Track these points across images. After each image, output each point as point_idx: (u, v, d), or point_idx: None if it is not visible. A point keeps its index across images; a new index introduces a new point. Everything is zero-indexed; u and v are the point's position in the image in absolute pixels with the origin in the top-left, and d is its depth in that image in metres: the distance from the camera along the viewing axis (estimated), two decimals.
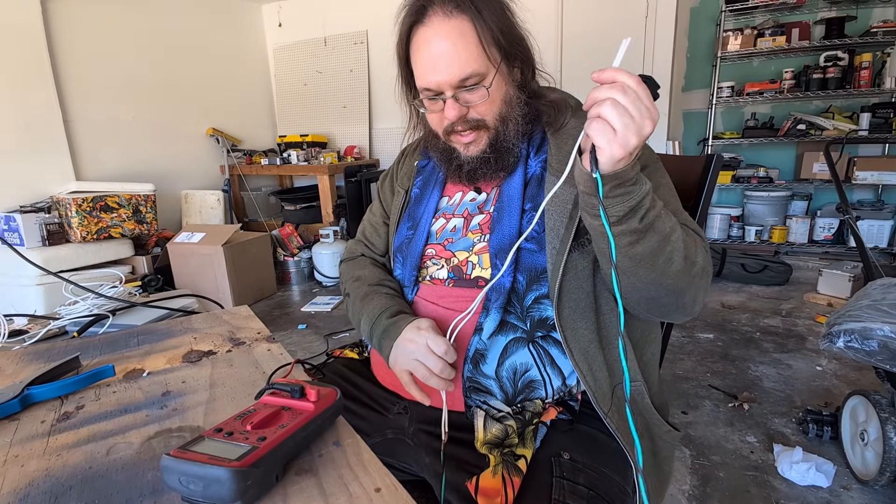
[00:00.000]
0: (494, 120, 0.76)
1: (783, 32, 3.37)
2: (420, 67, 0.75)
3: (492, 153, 0.77)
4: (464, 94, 0.73)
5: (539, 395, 0.74)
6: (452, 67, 0.71)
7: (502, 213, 0.77)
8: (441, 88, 0.73)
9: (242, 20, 4.41)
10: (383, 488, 0.43)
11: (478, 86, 0.72)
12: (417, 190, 0.90)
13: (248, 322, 0.87)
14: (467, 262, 0.79)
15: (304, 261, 3.60)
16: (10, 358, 0.76)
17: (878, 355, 1.25)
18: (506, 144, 0.77)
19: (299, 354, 2.40)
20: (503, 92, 0.75)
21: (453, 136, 0.78)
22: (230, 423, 0.47)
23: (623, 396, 0.74)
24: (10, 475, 0.48)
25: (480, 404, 0.73)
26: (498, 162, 0.78)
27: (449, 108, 0.74)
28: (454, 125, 0.76)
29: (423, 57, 0.73)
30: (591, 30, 3.50)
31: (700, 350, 2.30)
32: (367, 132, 4.36)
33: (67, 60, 3.10)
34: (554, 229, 0.72)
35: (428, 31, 0.72)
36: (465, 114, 0.75)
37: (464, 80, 0.71)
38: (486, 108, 0.75)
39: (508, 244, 0.73)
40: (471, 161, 0.78)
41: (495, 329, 0.73)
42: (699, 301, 0.70)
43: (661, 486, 0.77)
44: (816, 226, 3.53)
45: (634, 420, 0.74)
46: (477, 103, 0.74)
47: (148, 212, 2.98)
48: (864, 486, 1.39)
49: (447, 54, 0.71)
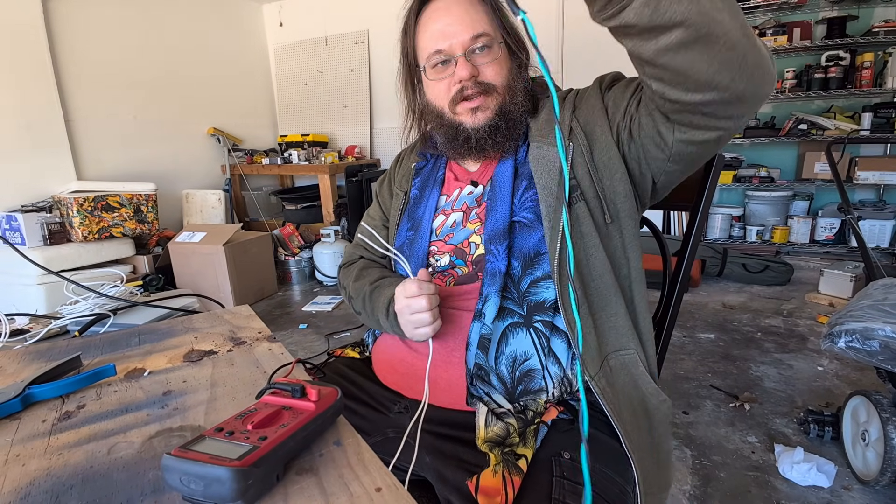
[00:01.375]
0: (503, 86, 0.79)
1: (784, 32, 3.36)
2: (430, 34, 0.78)
3: (501, 120, 0.79)
4: (474, 56, 0.77)
5: (538, 385, 0.74)
6: (466, 28, 0.76)
7: (495, 200, 0.78)
8: (453, 50, 0.77)
9: (243, 20, 4.41)
10: (384, 488, 0.43)
11: (488, 47, 0.77)
12: (416, 191, 0.91)
13: (249, 322, 0.87)
14: (469, 243, 0.80)
15: (304, 260, 3.60)
16: (11, 357, 0.76)
17: (880, 355, 1.25)
18: (513, 114, 0.79)
19: (300, 354, 2.40)
20: (509, 65, 0.80)
21: (460, 104, 0.79)
22: (231, 422, 0.47)
23: (616, 367, 0.74)
24: (11, 474, 0.48)
25: (483, 395, 0.73)
26: (508, 130, 0.80)
27: (461, 66, 0.77)
28: (463, 89, 0.78)
29: (436, 24, 0.78)
30: (592, 29, 3.48)
31: (701, 350, 2.30)
32: (368, 132, 4.36)
33: (69, 60, 3.10)
34: (547, 188, 0.74)
35: (441, 2, 0.78)
36: (476, 75, 0.78)
37: (476, 37, 0.76)
38: (495, 71, 0.78)
39: (502, 228, 0.75)
40: (478, 130, 0.79)
41: (496, 314, 0.73)
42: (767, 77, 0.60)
43: (663, 471, 0.75)
44: (818, 226, 3.52)
45: (626, 391, 0.73)
46: (487, 63, 0.77)
47: (149, 211, 2.99)
48: (865, 486, 1.39)
49: (460, 17, 0.76)
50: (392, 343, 0.85)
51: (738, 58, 0.56)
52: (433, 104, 0.83)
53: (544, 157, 0.76)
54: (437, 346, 0.78)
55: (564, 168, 0.66)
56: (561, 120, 0.76)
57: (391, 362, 0.84)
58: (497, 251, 0.75)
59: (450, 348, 0.76)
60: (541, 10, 3.51)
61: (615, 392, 0.72)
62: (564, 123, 0.76)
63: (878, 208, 3.40)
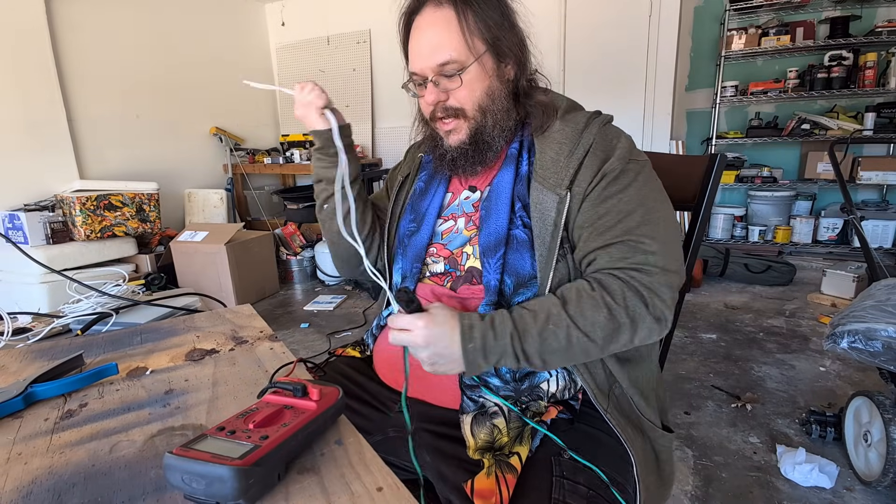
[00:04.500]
0: (473, 110, 0.78)
1: (787, 32, 3.35)
2: (410, 53, 0.79)
3: (470, 145, 0.79)
4: (443, 80, 0.76)
5: (543, 379, 0.74)
6: (432, 53, 0.75)
7: (490, 211, 0.78)
8: (424, 73, 0.76)
9: (246, 19, 4.41)
10: (385, 487, 0.43)
11: (456, 73, 0.75)
12: (422, 183, 0.91)
13: (251, 321, 0.87)
14: (462, 253, 0.80)
15: (306, 259, 3.60)
16: (13, 356, 0.77)
17: (882, 356, 1.24)
18: (485, 137, 0.78)
19: (301, 353, 2.40)
20: (485, 84, 0.77)
21: (437, 122, 0.81)
22: (233, 421, 0.47)
23: (620, 396, 0.74)
24: (13, 473, 0.48)
25: (476, 399, 0.73)
26: (476, 156, 0.79)
27: (428, 92, 0.77)
28: (436, 111, 0.79)
29: (413, 44, 0.78)
30: (594, 29, 3.49)
31: (703, 350, 2.30)
32: (370, 131, 4.36)
33: (71, 59, 3.11)
34: (540, 237, 0.73)
35: (419, 20, 0.77)
36: (444, 100, 0.78)
37: (441, 65, 0.74)
38: (464, 95, 0.77)
39: (495, 242, 0.75)
40: (451, 151, 0.81)
41: None
42: (653, 338, 0.69)
43: (664, 487, 0.77)
44: (820, 226, 3.51)
45: (625, 424, 0.74)
46: (453, 89, 0.76)
47: (151, 210, 2.99)
48: (867, 487, 1.38)
49: (430, 41, 0.75)
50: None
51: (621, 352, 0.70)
52: (423, 113, 0.85)
53: (542, 202, 0.73)
54: None
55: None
56: (565, 167, 0.74)
57: (391, 361, 0.84)
58: (489, 264, 0.74)
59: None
60: (543, 13, 3.50)
61: (620, 413, 0.73)
62: (567, 173, 0.73)
63: (880, 208, 3.39)
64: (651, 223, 0.70)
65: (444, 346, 0.65)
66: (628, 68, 3.47)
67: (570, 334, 0.65)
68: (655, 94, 3.46)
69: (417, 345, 0.65)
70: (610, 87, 3.55)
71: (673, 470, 0.80)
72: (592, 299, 0.66)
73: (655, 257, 0.67)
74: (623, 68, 3.48)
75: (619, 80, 3.51)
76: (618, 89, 3.52)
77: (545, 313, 0.66)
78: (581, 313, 0.65)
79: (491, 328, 0.65)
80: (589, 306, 0.66)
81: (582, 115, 0.80)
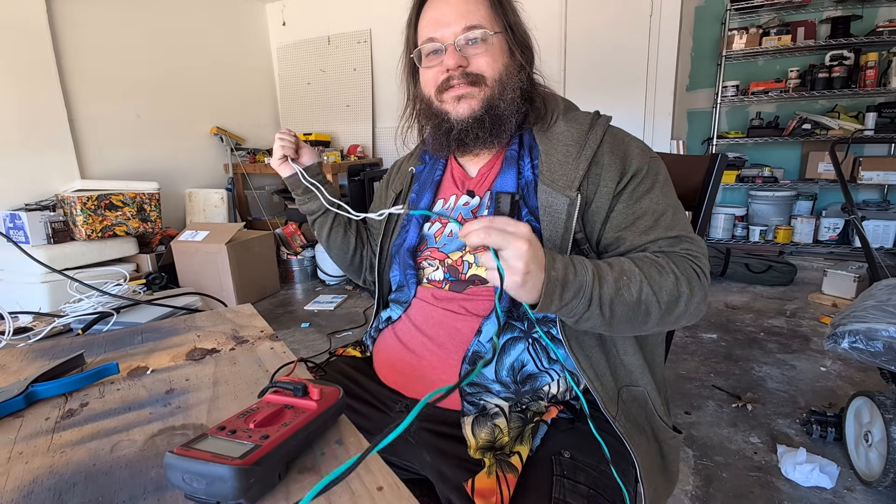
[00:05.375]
0: (493, 79, 0.77)
1: (788, 31, 3.35)
2: (427, 21, 0.78)
3: (486, 114, 0.77)
4: (466, 47, 0.76)
5: (545, 382, 0.74)
6: (460, 17, 0.75)
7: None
8: (444, 39, 0.76)
9: (246, 19, 4.42)
10: (385, 487, 0.43)
11: (482, 40, 0.75)
12: (414, 195, 0.91)
13: (252, 320, 0.87)
14: (462, 261, 0.79)
15: (307, 259, 3.60)
16: (14, 355, 0.77)
17: (883, 356, 1.24)
18: (498, 111, 0.77)
19: (302, 353, 2.41)
20: (505, 59, 0.78)
21: (446, 92, 0.78)
22: (233, 421, 0.47)
23: (629, 399, 0.75)
24: (14, 472, 0.48)
25: (476, 402, 0.73)
26: (493, 127, 0.78)
27: (449, 55, 0.76)
28: (450, 78, 0.77)
29: (431, 12, 0.78)
30: (595, 29, 3.49)
31: (704, 350, 2.29)
32: (371, 131, 4.36)
33: (72, 59, 3.11)
34: (550, 240, 0.72)
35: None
36: (464, 66, 0.77)
37: (469, 27, 0.75)
38: (486, 62, 0.76)
39: None
40: (461, 122, 0.78)
41: (495, 332, 0.73)
42: (695, 318, 0.71)
43: (668, 486, 0.77)
44: (821, 226, 3.51)
45: (638, 423, 0.74)
46: (478, 54, 0.76)
47: (152, 210, 2.99)
48: (867, 487, 1.38)
49: (456, 6, 0.75)
50: (392, 343, 0.85)
51: (665, 327, 0.70)
52: (423, 92, 0.83)
53: (551, 204, 0.72)
54: (435, 348, 0.78)
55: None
56: (573, 169, 0.73)
57: (391, 361, 0.84)
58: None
59: (448, 351, 0.77)
60: (544, 12, 3.50)
61: (628, 419, 0.73)
62: (577, 174, 0.73)
63: (881, 208, 3.38)
64: (681, 221, 0.73)
65: (540, 259, 0.58)
66: (629, 68, 3.47)
67: (642, 290, 0.64)
68: (656, 93, 3.45)
69: (519, 246, 0.55)
70: (610, 87, 3.55)
71: (678, 469, 0.80)
72: (660, 266, 0.67)
73: (696, 247, 0.71)
74: (624, 68, 3.48)
75: (619, 80, 3.51)
76: (618, 89, 3.52)
77: (619, 266, 0.65)
78: (651, 275, 0.65)
79: (572, 264, 0.62)
80: (657, 271, 0.66)
81: (584, 115, 0.80)
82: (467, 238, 0.58)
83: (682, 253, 0.70)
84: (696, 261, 0.70)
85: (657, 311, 0.66)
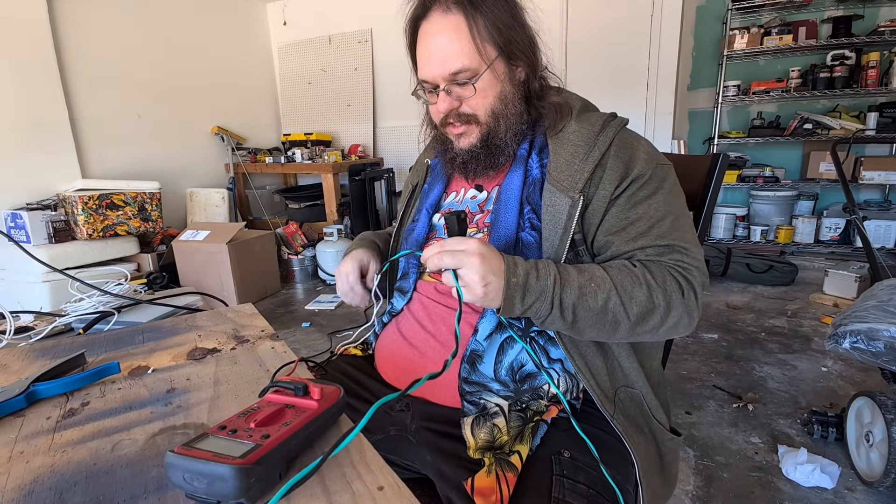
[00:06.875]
0: (486, 115, 0.77)
1: (790, 31, 3.35)
2: (419, 60, 0.78)
3: (482, 149, 0.78)
4: (455, 87, 0.75)
5: (544, 381, 0.74)
6: (444, 62, 0.73)
7: (499, 214, 0.77)
8: (435, 81, 0.76)
9: (247, 19, 4.42)
10: (386, 486, 0.43)
11: (469, 81, 0.74)
12: (427, 186, 0.93)
13: (253, 320, 0.88)
14: None
15: (308, 259, 3.61)
16: (15, 354, 0.77)
17: (884, 356, 1.24)
18: (496, 142, 0.78)
19: (303, 352, 2.41)
20: (497, 89, 0.76)
21: (447, 127, 0.80)
22: (234, 420, 0.47)
23: (626, 399, 0.74)
24: (14, 471, 0.48)
25: (476, 401, 0.73)
26: (488, 159, 0.79)
27: (441, 100, 0.76)
28: (447, 117, 0.78)
29: (421, 50, 0.77)
30: (596, 28, 3.49)
31: (704, 350, 2.29)
32: (371, 130, 4.36)
33: (74, 59, 3.11)
34: (549, 239, 0.72)
35: (427, 26, 0.75)
36: (456, 107, 0.77)
37: (454, 73, 0.73)
38: (477, 102, 0.76)
39: (503, 246, 0.74)
40: (462, 154, 0.80)
41: (492, 330, 0.74)
42: (681, 331, 0.70)
43: (666, 489, 0.77)
44: (822, 226, 3.51)
45: (637, 423, 0.74)
46: (467, 97, 0.75)
47: (153, 210, 3.00)
48: (868, 487, 1.38)
49: (441, 49, 0.73)
50: (395, 338, 0.85)
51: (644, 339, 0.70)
52: (433, 119, 0.85)
53: (554, 204, 0.72)
54: (437, 344, 0.78)
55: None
56: (579, 170, 0.73)
57: (393, 359, 0.85)
58: None
59: (449, 348, 0.77)
60: (545, 13, 3.49)
61: (626, 418, 0.73)
62: (582, 176, 0.72)
63: (883, 208, 3.38)
64: (680, 230, 0.71)
65: (496, 268, 0.62)
66: (630, 68, 3.47)
67: (610, 298, 0.64)
68: (657, 93, 3.45)
69: (472, 262, 0.61)
70: (612, 87, 3.54)
71: (677, 470, 0.80)
72: (634, 276, 0.67)
73: (689, 258, 0.69)
74: (625, 67, 3.48)
75: (620, 80, 3.50)
76: (619, 89, 3.52)
77: (590, 272, 0.66)
78: (622, 284, 0.65)
79: (535, 268, 0.64)
80: (630, 281, 0.66)
81: (597, 116, 0.79)
82: (426, 265, 0.63)
83: (669, 263, 0.69)
84: (685, 272, 0.68)
85: (626, 321, 0.66)
